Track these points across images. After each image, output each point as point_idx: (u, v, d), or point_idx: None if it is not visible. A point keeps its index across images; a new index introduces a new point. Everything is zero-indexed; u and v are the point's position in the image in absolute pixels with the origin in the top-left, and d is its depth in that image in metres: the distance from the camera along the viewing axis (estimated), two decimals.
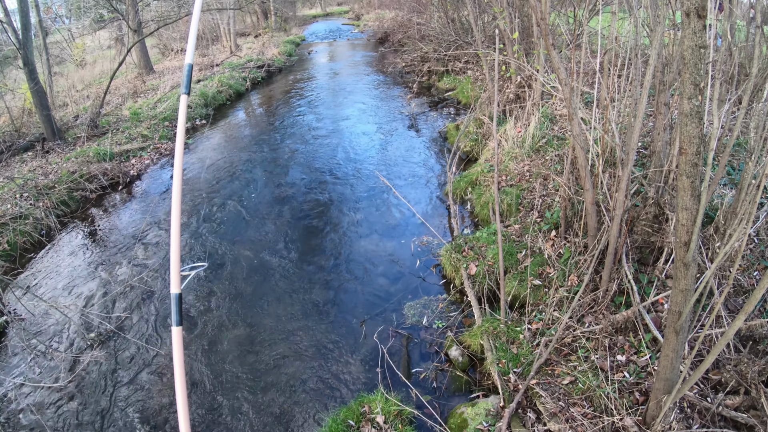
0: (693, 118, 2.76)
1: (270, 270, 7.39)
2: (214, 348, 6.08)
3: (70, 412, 5.44)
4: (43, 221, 9.18)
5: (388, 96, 15.02)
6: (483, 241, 6.58)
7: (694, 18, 2.57)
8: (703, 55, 2.68)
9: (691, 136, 2.78)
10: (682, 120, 2.77)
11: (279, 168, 10.90)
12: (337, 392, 5.32)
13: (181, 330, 2.30)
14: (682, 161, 2.87)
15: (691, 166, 2.85)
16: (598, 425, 3.86)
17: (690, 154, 2.83)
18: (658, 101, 5.62)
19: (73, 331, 6.57)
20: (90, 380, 5.81)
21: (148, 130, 13.13)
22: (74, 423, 5.30)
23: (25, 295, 7.20)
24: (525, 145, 8.25)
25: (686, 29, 2.60)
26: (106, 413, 5.39)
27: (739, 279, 4.94)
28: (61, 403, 5.55)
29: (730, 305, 4.62)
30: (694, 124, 2.76)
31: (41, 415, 5.40)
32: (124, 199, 10.35)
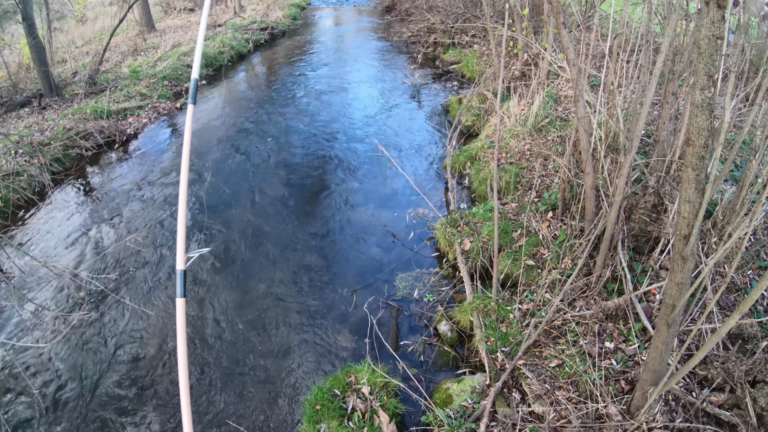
0: (704, 110, 2.69)
1: (264, 234, 7.34)
2: (203, 310, 6.07)
3: (59, 372, 5.43)
4: (37, 178, 9.02)
5: (391, 65, 14.78)
6: (479, 217, 6.55)
7: (714, 7, 2.49)
8: (720, 46, 2.61)
9: (701, 128, 2.71)
10: (693, 111, 2.71)
11: (277, 131, 10.74)
12: (324, 361, 5.33)
13: (185, 302, 2.43)
14: (689, 153, 2.81)
15: (697, 158, 2.79)
16: (582, 410, 3.88)
17: (698, 147, 2.76)
18: (665, 90, 5.54)
19: (65, 291, 6.52)
20: (80, 341, 5.78)
21: (147, 89, 12.86)
22: (62, 384, 5.29)
23: (17, 252, 7.12)
24: (527, 123, 8.16)
25: (704, 18, 2.52)
26: (94, 375, 5.38)
27: (733, 276, 4.95)
28: (49, 364, 5.53)
29: (721, 302, 4.63)
30: (704, 116, 2.69)
31: (28, 374, 5.39)
32: (120, 158, 10.18)
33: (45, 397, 5.14)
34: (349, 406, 4.50)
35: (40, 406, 5.05)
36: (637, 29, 6.12)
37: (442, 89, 12.34)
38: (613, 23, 6.04)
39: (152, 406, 5.00)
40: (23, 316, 6.17)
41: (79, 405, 5.05)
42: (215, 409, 4.92)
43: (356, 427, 4.33)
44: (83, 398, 5.12)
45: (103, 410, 5.00)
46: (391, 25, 19.29)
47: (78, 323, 5.91)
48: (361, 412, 4.45)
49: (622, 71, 6.24)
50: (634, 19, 7.47)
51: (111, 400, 5.09)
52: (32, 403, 5.09)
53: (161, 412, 4.94)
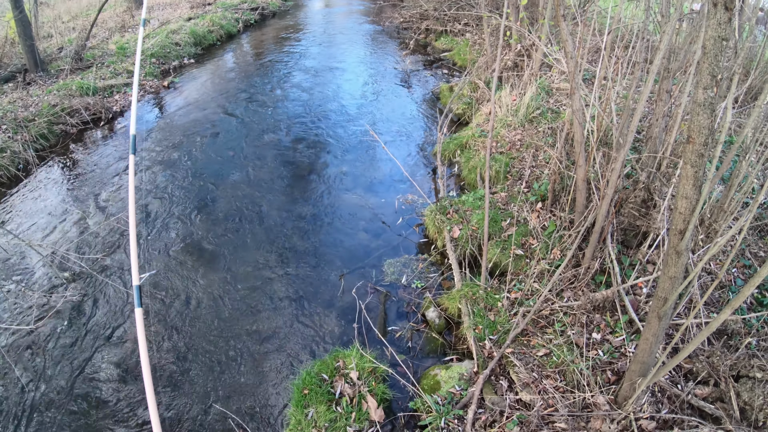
0: (706, 109, 2.70)
1: (250, 215, 7.28)
2: (187, 291, 6.02)
3: (41, 354, 5.34)
4: (20, 155, 8.82)
5: (382, 50, 14.67)
6: (468, 205, 6.55)
7: (721, 9, 2.50)
8: (724, 47, 2.63)
9: (701, 126, 2.74)
10: (695, 109, 2.72)
11: (266, 113, 10.62)
12: (311, 345, 5.32)
13: (142, 311, 2.49)
14: (689, 150, 2.83)
15: (697, 156, 2.81)
16: (569, 399, 3.93)
17: (698, 144, 2.79)
18: (660, 88, 5.57)
19: (47, 271, 6.40)
20: (62, 323, 5.69)
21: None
22: (44, 366, 5.21)
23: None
24: (519, 114, 8.17)
25: (711, 19, 2.53)
26: (76, 358, 5.32)
27: (717, 273, 5.04)
28: (31, 346, 5.44)
29: (707, 298, 4.70)
30: (705, 115, 2.71)
31: (10, 356, 5.30)
32: (105, 136, 9.98)
33: (26, 379, 5.08)
34: (337, 390, 4.50)
35: (23, 388, 4.99)
36: (632, 26, 6.15)
37: (432, 76, 12.29)
38: (608, 19, 6.06)
39: (136, 389, 4.97)
40: (5, 297, 6.07)
41: (60, 387, 5.00)
42: (200, 392, 4.89)
43: (344, 411, 4.34)
44: (65, 380, 5.06)
45: (85, 392, 4.95)
46: (383, 10, 19.14)
47: (62, 305, 5.82)
48: (349, 397, 4.46)
49: (616, 66, 6.26)
50: (627, 16, 7.51)
51: (94, 382, 5.04)
52: (13, 384, 5.03)
53: (139, 389, 4.90)
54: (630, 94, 5.44)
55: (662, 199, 5.22)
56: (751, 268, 5.24)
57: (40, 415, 4.71)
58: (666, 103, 5.63)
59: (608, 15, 6.14)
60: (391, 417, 4.50)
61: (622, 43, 6.18)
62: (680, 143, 6.10)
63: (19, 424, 4.65)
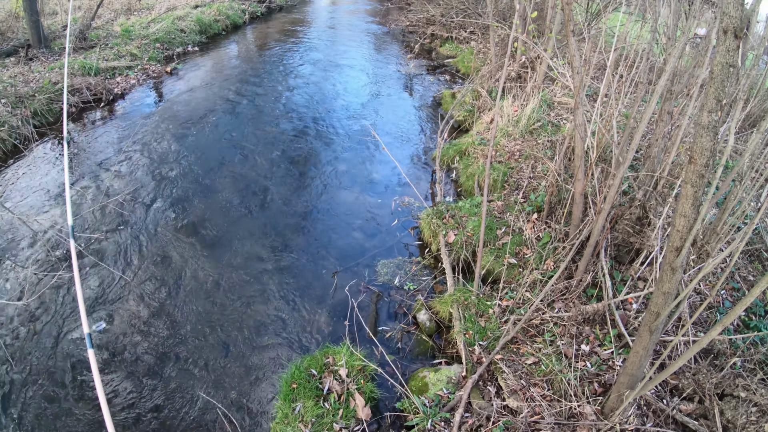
0: (709, 131, 2.77)
1: (245, 205, 7.29)
2: (178, 279, 6.01)
3: (29, 331, 5.33)
4: (18, 130, 8.78)
5: (387, 52, 14.72)
6: (465, 211, 6.60)
7: (731, 37, 2.56)
8: (731, 74, 2.69)
9: (704, 148, 2.80)
10: (698, 131, 2.79)
11: (266, 106, 10.62)
12: (301, 339, 5.34)
13: (94, 352, 2.63)
14: (690, 170, 2.89)
15: (698, 176, 2.87)
16: (555, 408, 3.98)
17: (699, 165, 2.85)
18: (662, 109, 5.65)
19: (40, 248, 6.38)
20: (52, 301, 5.68)
21: (138, 50, 12.57)
22: (32, 344, 5.20)
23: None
24: (519, 125, 8.23)
25: (720, 46, 2.60)
26: (63, 337, 5.31)
27: (706, 293, 5.13)
28: (19, 322, 5.43)
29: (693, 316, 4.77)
30: (709, 137, 2.78)
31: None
32: (104, 117, 9.95)
33: (12, 356, 5.06)
34: (325, 386, 4.52)
35: (9, 363, 4.98)
36: (636, 47, 6.23)
37: (435, 81, 12.34)
38: (612, 38, 6.15)
39: (124, 373, 4.97)
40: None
41: (45, 366, 4.99)
42: (186, 380, 4.89)
43: (332, 408, 4.36)
44: (49, 360, 5.05)
45: (66, 374, 4.94)
46: (390, 12, 19.19)
47: (54, 283, 5.80)
48: (337, 393, 4.48)
49: (619, 85, 6.34)
50: (632, 36, 7.58)
51: (77, 364, 5.03)
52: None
53: (131, 378, 4.91)
54: (632, 113, 5.52)
55: (657, 217, 5.29)
56: (739, 290, 5.33)
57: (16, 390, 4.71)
58: (666, 124, 5.71)
59: (615, 34, 6.20)
60: (378, 416, 4.52)
61: (626, 62, 6.26)
62: (677, 164, 6.19)
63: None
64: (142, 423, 4.52)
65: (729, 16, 2.52)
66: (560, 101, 9.04)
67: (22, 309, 5.56)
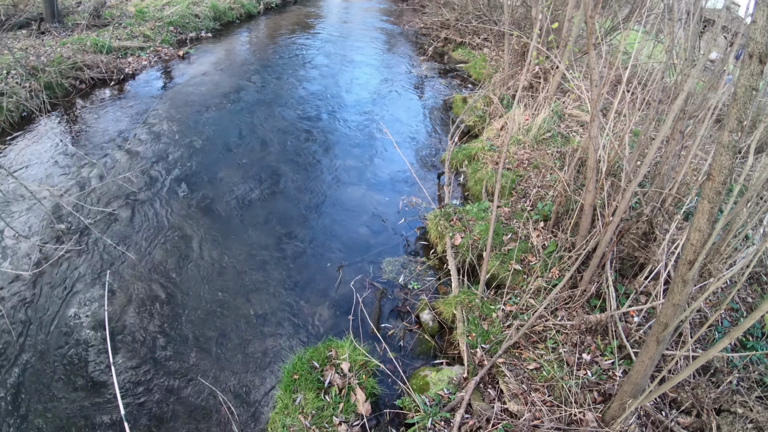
0: (729, 150, 2.83)
1: (252, 194, 7.31)
2: (183, 260, 6.04)
3: (30, 303, 5.36)
4: (26, 103, 8.78)
5: (400, 52, 14.75)
6: (472, 215, 6.64)
7: (756, 61, 2.63)
8: (754, 96, 2.75)
9: (722, 166, 2.86)
10: (718, 150, 2.85)
11: (278, 96, 10.64)
12: (304, 331, 5.36)
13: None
14: (708, 187, 2.95)
15: (715, 193, 2.93)
16: (555, 414, 4.02)
17: (717, 182, 2.91)
18: (674, 128, 5.71)
19: (44, 220, 6.40)
20: (54, 273, 5.70)
21: (151, 32, 12.58)
22: (32, 314, 5.23)
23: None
24: (530, 134, 8.28)
25: (745, 69, 2.66)
26: (62, 311, 5.33)
27: (707, 313, 5.19)
28: (22, 293, 5.46)
29: (692, 333, 4.84)
30: (728, 156, 2.84)
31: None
32: (114, 96, 9.96)
33: (12, 324, 5.09)
34: (326, 379, 4.55)
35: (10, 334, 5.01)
36: (650, 66, 6.30)
37: (446, 85, 12.38)
38: (624, 55, 6.21)
39: (123, 352, 4.99)
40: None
41: (44, 338, 5.01)
42: (185, 363, 4.92)
43: (332, 401, 4.39)
44: (48, 334, 5.08)
45: (63, 349, 4.97)
46: (404, 13, 19.22)
47: (56, 256, 5.81)
48: (339, 387, 4.51)
49: (632, 101, 6.40)
50: (645, 54, 7.66)
51: (74, 343, 5.05)
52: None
53: (129, 357, 4.93)
54: (643, 131, 5.58)
55: (663, 234, 5.35)
56: (738, 311, 5.39)
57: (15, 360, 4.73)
58: (678, 143, 5.77)
59: (629, 52, 6.27)
60: (378, 412, 4.56)
61: (640, 80, 6.32)
62: (684, 183, 6.25)
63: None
64: (138, 403, 4.54)
65: (755, 42, 2.58)
66: (571, 113, 9.10)
67: (26, 279, 5.58)
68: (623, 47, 6.43)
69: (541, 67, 9.57)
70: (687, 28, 5.52)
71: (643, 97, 6.18)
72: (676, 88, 5.77)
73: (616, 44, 7.03)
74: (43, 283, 5.58)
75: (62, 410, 4.43)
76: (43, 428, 4.29)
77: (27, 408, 4.41)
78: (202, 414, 4.52)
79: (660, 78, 5.99)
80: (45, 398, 4.50)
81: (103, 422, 4.36)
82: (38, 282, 5.58)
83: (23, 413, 4.37)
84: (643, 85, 6.33)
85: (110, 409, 4.45)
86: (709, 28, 10.01)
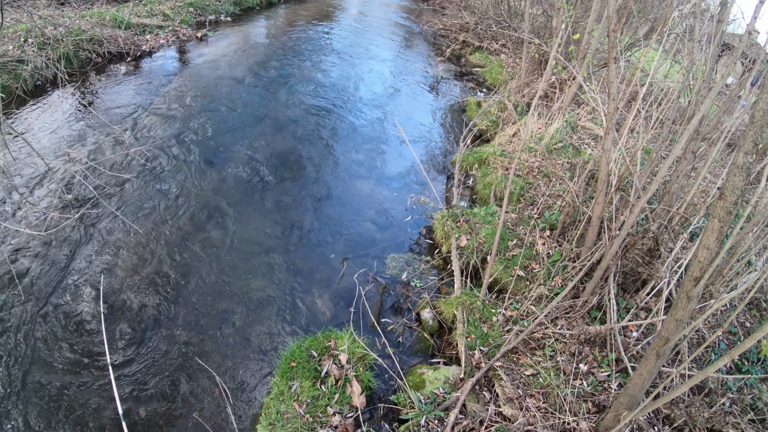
0: (743, 171, 2.85)
1: (259, 180, 7.34)
2: (185, 240, 6.07)
3: (37, 265, 5.41)
4: (42, 71, 8.82)
5: (417, 51, 14.76)
6: (479, 218, 6.66)
7: None
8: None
9: (735, 187, 2.88)
10: (732, 170, 2.87)
11: (293, 84, 10.64)
12: (305, 319, 5.39)
13: None
14: (719, 206, 2.97)
15: (726, 212, 2.96)
16: (549, 421, 4.05)
17: (729, 202, 2.93)
18: (687, 148, 5.73)
19: (53, 188, 6.44)
20: (60, 240, 5.75)
21: (171, 11, 12.63)
22: (37, 277, 5.28)
23: (12, 136, 6.97)
24: (542, 142, 8.30)
25: (764, 93, 2.69)
26: (64, 278, 5.38)
27: (704, 333, 5.22)
28: (30, 256, 5.50)
29: (690, 352, 4.87)
30: (741, 177, 2.86)
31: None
32: (129, 72, 10.01)
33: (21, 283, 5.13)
34: (323, 369, 4.58)
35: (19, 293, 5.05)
36: (665, 86, 6.31)
37: (461, 88, 12.39)
38: (639, 72, 6.24)
39: (121, 326, 5.03)
40: (6, 205, 6.10)
41: (49, 299, 5.05)
42: (182, 341, 4.96)
43: (328, 391, 4.42)
44: (54, 293, 5.12)
45: (62, 314, 5.00)
46: (423, 13, 19.22)
47: (60, 223, 5.83)
48: (335, 378, 4.54)
49: (646, 119, 6.42)
50: (660, 74, 7.67)
51: (77, 313, 5.09)
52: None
53: (128, 332, 4.97)
54: (655, 148, 5.59)
55: (668, 252, 5.37)
56: (735, 335, 5.42)
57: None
58: (690, 163, 5.79)
59: (648, 71, 6.28)
60: (372, 406, 4.58)
61: (656, 99, 6.33)
62: (691, 204, 6.26)
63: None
64: (132, 379, 4.58)
65: None
66: (584, 126, 9.11)
67: (35, 242, 5.62)
68: (642, 65, 6.46)
69: (558, 77, 9.58)
70: (706, 50, 5.55)
71: (657, 115, 6.21)
72: (690, 109, 5.80)
73: (635, 61, 7.03)
74: (50, 248, 5.62)
75: (58, 378, 4.47)
76: (39, 395, 4.33)
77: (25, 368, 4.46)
78: (195, 394, 4.56)
79: (676, 98, 6.01)
80: (42, 361, 4.55)
81: (94, 391, 4.40)
82: (45, 247, 5.61)
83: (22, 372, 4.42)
84: (658, 104, 6.35)
85: (104, 385, 4.49)
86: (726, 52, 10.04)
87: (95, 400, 4.36)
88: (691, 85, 5.99)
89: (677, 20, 6.40)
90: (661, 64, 7.55)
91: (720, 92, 8.42)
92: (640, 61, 6.47)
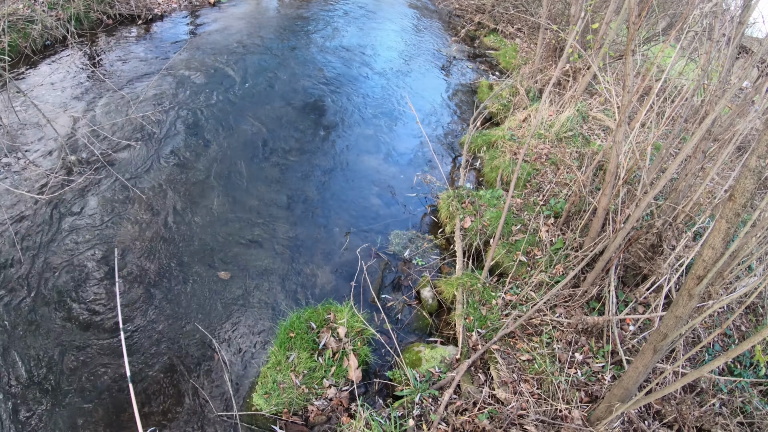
0: (754, 174, 2.85)
1: (266, 150, 7.32)
2: (190, 207, 6.08)
3: (38, 228, 5.42)
4: (51, 31, 8.71)
5: (431, 29, 14.54)
6: (484, 200, 6.66)
7: None
8: None
9: (746, 189, 2.88)
10: (743, 173, 2.87)
11: (304, 54, 10.51)
12: (305, 290, 5.42)
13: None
14: (728, 207, 2.97)
15: (734, 214, 2.96)
16: (542, 407, 4.10)
17: (738, 204, 2.93)
18: (697, 147, 5.71)
19: (57, 150, 6.41)
20: (65, 202, 5.76)
21: None
22: (40, 239, 5.29)
23: (19, 96, 6.92)
24: (552, 130, 8.25)
25: None
26: (69, 239, 5.39)
27: (701, 333, 5.26)
28: (31, 217, 5.51)
29: (685, 351, 4.92)
30: (752, 180, 2.86)
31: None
32: (139, 35, 9.89)
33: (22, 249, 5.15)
34: (321, 341, 4.62)
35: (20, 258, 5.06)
36: (679, 83, 6.27)
37: (474, 70, 12.24)
38: (653, 66, 6.19)
39: (123, 286, 5.05)
40: (8, 166, 6.08)
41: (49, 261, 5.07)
42: (182, 307, 5.01)
43: (325, 363, 4.47)
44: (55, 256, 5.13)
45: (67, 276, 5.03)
46: None
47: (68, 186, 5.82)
48: (333, 350, 4.58)
49: (658, 115, 6.38)
50: (674, 71, 7.57)
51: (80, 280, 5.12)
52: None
53: (129, 293, 5.00)
54: (666, 144, 5.57)
55: (670, 249, 5.38)
56: (731, 338, 5.46)
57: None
58: (699, 162, 5.77)
59: (663, 67, 6.23)
60: (367, 380, 4.64)
61: (669, 95, 6.29)
62: (697, 204, 6.26)
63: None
64: (131, 341, 4.62)
65: None
66: (595, 116, 9.05)
67: (37, 205, 5.62)
68: (658, 60, 6.39)
69: (572, 65, 9.49)
70: (724, 51, 5.50)
71: (670, 112, 6.17)
72: (704, 109, 5.76)
73: (651, 57, 6.96)
74: (54, 210, 5.62)
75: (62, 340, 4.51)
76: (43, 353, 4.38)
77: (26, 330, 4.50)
78: (194, 359, 4.60)
79: (690, 96, 5.97)
80: (45, 324, 4.58)
81: (96, 353, 4.44)
82: (49, 209, 5.61)
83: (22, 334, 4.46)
84: (671, 101, 6.31)
85: (105, 347, 4.53)
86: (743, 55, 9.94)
87: (98, 361, 4.41)
88: (705, 85, 5.95)
89: (697, 18, 6.32)
90: (677, 61, 7.48)
91: (735, 95, 8.35)
92: (657, 56, 6.42)
